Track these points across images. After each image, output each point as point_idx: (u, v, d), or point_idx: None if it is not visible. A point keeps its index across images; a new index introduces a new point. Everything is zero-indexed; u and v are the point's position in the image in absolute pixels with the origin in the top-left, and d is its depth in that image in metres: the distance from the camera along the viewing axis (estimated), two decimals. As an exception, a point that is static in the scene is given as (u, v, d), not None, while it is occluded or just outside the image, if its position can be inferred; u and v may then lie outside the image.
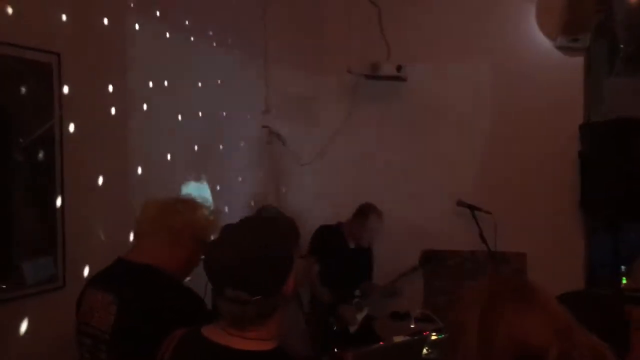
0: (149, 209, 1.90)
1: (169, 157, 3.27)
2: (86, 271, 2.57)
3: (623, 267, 3.81)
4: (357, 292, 4.00)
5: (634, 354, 1.49)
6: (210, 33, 3.69)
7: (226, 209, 3.80)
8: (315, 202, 4.59)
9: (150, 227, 1.87)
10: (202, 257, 1.88)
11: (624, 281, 3.78)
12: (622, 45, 3.83)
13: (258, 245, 1.37)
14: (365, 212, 4.06)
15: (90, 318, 1.78)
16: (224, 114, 3.82)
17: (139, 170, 2.99)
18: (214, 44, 3.72)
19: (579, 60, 4.08)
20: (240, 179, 4.02)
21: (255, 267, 1.34)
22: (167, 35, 3.27)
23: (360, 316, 3.93)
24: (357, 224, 4.07)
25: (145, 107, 3.08)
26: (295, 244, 1.49)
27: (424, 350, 2.83)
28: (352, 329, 3.88)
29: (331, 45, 4.69)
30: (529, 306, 1.09)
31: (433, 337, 3.07)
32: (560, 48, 4.05)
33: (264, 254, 1.36)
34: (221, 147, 3.79)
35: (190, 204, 1.96)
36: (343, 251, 4.07)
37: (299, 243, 3.40)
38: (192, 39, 3.49)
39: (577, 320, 1.08)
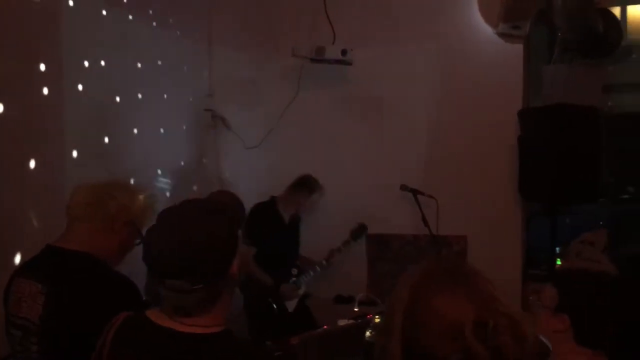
0: (81, 194, 1.83)
1: (106, 140, 3.16)
2: (17, 259, 2.45)
3: (558, 249, 3.94)
4: (294, 271, 4.02)
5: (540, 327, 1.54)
6: (150, 12, 3.58)
7: (167, 194, 3.72)
8: (259, 186, 4.55)
9: (82, 212, 1.79)
10: (137, 242, 1.83)
11: (558, 262, 3.91)
12: (560, 34, 3.92)
13: (199, 231, 1.31)
14: (312, 184, 4.10)
15: (19, 309, 1.70)
16: (165, 96, 3.72)
17: (74, 154, 2.88)
18: (154, 24, 3.61)
19: (519, 47, 4.16)
20: (182, 163, 3.93)
21: (196, 255, 1.28)
22: (104, 12, 3.14)
23: (299, 293, 3.96)
24: (302, 196, 4.07)
25: (80, 87, 2.96)
26: (238, 226, 1.45)
27: (367, 333, 2.86)
28: (291, 306, 3.89)
29: (277, 28, 4.62)
30: (455, 283, 1.10)
31: (376, 320, 3.10)
32: (501, 35, 4.12)
33: (205, 240, 1.30)
34: (162, 130, 3.70)
35: (124, 187, 1.90)
36: (279, 228, 4.06)
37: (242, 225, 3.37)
38: (130, 17, 3.36)
39: None
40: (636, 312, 1.70)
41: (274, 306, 3.84)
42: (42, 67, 2.70)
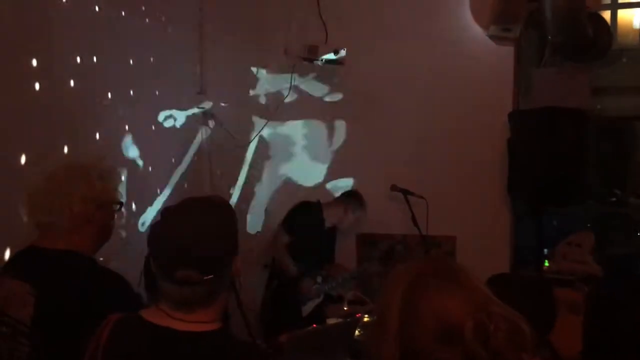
0: (38, 197, 1.77)
1: (97, 136, 3.15)
2: (7, 254, 2.44)
3: (545, 250, 3.98)
4: (319, 279, 4.02)
5: (557, 333, 1.56)
6: (143, 8, 3.57)
7: (158, 191, 3.72)
8: (250, 184, 4.56)
9: (47, 218, 1.76)
10: (117, 208, 1.83)
11: (546, 264, 3.95)
12: (550, 37, 3.96)
13: (206, 224, 1.35)
14: (363, 201, 4.17)
15: (8, 308, 1.70)
16: (157, 93, 3.71)
17: (65, 150, 2.87)
18: (147, 20, 3.60)
19: (509, 50, 4.20)
20: (173, 160, 3.93)
21: (206, 245, 1.32)
22: (96, 8, 3.12)
23: (315, 302, 3.96)
24: (351, 210, 4.14)
25: (72, 83, 2.95)
26: (237, 225, 1.47)
27: (357, 332, 2.87)
28: (306, 310, 3.89)
29: (269, 26, 4.62)
30: (450, 284, 1.11)
31: (365, 319, 3.12)
32: (492, 37, 4.15)
33: (213, 232, 1.35)
34: (153, 127, 3.69)
35: (79, 176, 1.82)
36: (319, 229, 4.08)
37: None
38: (123, 13, 3.35)
39: (505, 301, 1.11)
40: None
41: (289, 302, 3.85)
42: (34, 62, 2.69)
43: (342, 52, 4.21)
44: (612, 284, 3.90)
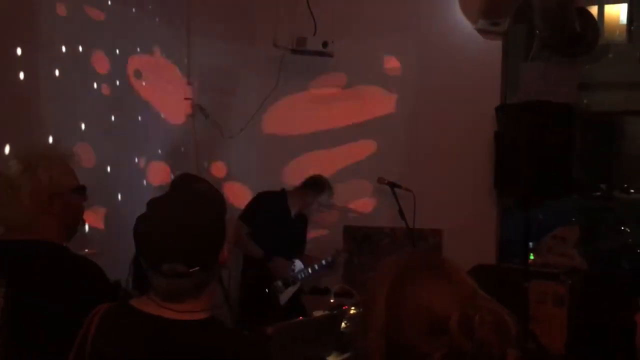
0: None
1: (83, 127, 3.12)
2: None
3: (531, 244, 4.01)
4: (295, 264, 4.00)
5: (542, 325, 1.57)
6: (130, -2, 3.54)
7: (144, 183, 3.70)
8: (239, 176, 4.54)
9: (3, 210, 1.72)
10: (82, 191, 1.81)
11: (532, 257, 3.98)
12: (537, 31, 3.97)
13: (191, 216, 1.35)
14: (321, 185, 4.07)
15: None
16: (143, 83, 3.68)
17: (50, 139, 2.84)
18: (133, 10, 3.56)
19: (497, 44, 4.21)
20: (160, 151, 3.90)
21: (191, 237, 1.32)
22: (83, -3, 3.09)
23: (292, 289, 3.94)
24: (310, 194, 4.05)
25: (57, 72, 2.92)
26: (225, 215, 1.47)
27: (343, 324, 2.88)
28: (283, 299, 3.87)
29: (257, 17, 4.60)
30: (436, 277, 1.11)
31: (352, 311, 3.13)
32: (480, 31, 4.16)
33: (199, 224, 1.34)
34: (140, 118, 3.66)
35: (22, 167, 1.75)
36: (285, 220, 4.04)
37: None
38: (109, 2, 3.32)
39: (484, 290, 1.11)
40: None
41: (266, 291, 3.81)
42: (19, 50, 2.66)
43: (331, 44, 4.20)
44: (596, 277, 3.95)
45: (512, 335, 1.04)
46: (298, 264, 4.04)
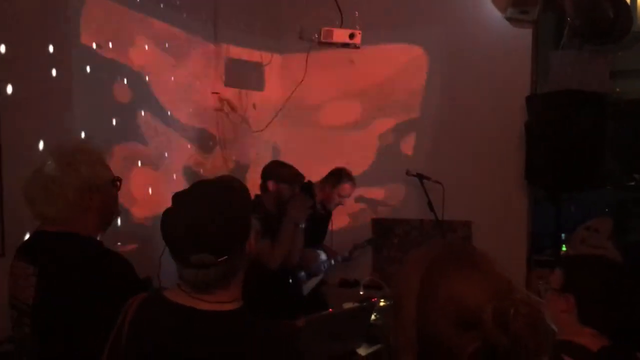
0: (33, 192, 1.76)
1: (114, 122, 3.17)
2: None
3: (563, 235, 3.95)
4: (322, 255, 3.96)
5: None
6: (158, -7, 3.57)
7: (174, 177, 3.74)
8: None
9: (46, 207, 1.75)
10: (116, 184, 1.84)
11: (564, 248, 3.92)
12: (569, 19, 3.89)
13: (217, 205, 1.36)
14: (340, 176, 3.99)
15: (15, 290, 1.73)
16: (172, 78, 3.72)
17: (82, 135, 2.89)
18: (162, 5, 3.59)
19: (527, 32, 4.14)
20: (189, 146, 3.94)
21: (218, 227, 1.33)
22: (112, -6, 3.13)
23: (314, 281, 3.94)
24: (329, 186, 3.99)
25: (88, 69, 2.96)
26: (249, 203, 1.47)
27: (373, 317, 2.88)
28: (306, 290, 3.85)
29: (284, 10, 4.61)
30: (469, 269, 1.09)
31: (381, 304, 3.12)
32: (509, 19, 4.10)
33: (225, 213, 1.35)
34: (169, 113, 3.70)
35: (65, 162, 1.77)
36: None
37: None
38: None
39: None
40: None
41: (290, 281, 3.80)
42: (51, 48, 2.71)
43: (358, 36, 4.18)
44: (631, 270, 3.86)
45: (547, 329, 1.02)
46: (322, 256, 4.03)
